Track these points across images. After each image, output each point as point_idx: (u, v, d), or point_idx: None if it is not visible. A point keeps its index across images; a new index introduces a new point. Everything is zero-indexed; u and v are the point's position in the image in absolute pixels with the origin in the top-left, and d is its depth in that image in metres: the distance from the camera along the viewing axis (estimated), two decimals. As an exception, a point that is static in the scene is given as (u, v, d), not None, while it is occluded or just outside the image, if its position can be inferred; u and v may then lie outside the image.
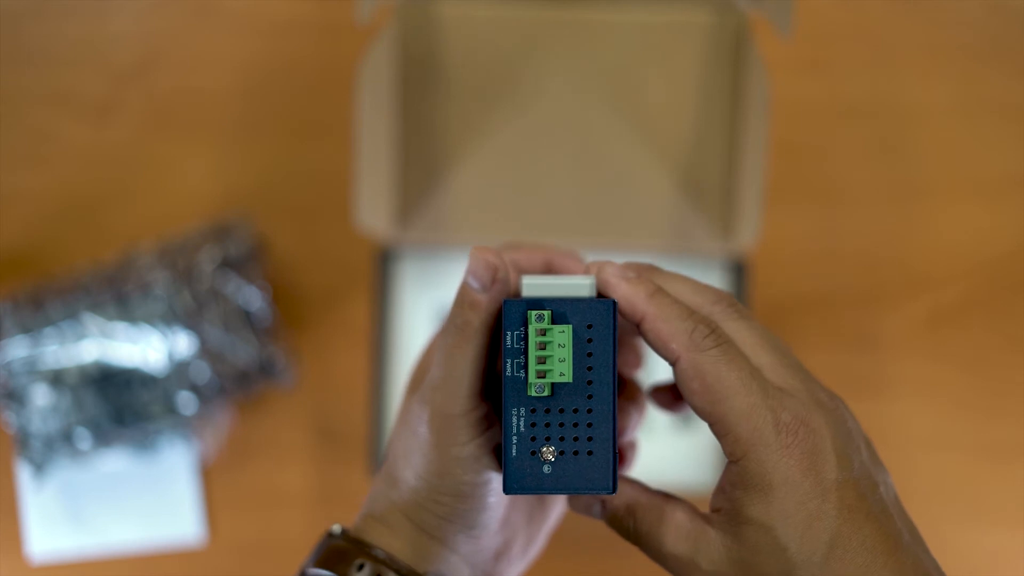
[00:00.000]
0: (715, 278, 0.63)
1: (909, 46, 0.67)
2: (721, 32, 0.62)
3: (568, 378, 0.32)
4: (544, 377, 0.32)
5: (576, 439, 0.32)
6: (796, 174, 0.66)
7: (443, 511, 0.36)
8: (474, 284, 0.34)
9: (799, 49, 0.65)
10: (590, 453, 0.32)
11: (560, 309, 0.32)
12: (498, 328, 0.35)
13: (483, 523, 0.36)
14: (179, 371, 0.60)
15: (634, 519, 0.35)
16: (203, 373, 0.61)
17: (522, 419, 0.32)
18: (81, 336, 0.60)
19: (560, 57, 0.62)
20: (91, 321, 0.60)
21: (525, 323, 0.32)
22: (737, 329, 0.33)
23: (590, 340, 0.32)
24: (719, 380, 0.31)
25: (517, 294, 0.35)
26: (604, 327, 0.32)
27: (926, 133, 0.66)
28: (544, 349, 0.32)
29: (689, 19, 0.62)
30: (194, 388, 0.61)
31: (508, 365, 0.32)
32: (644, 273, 0.35)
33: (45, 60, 0.66)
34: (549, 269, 0.40)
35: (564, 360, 0.32)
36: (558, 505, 0.41)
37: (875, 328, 0.66)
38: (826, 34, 0.67)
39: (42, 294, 0.61)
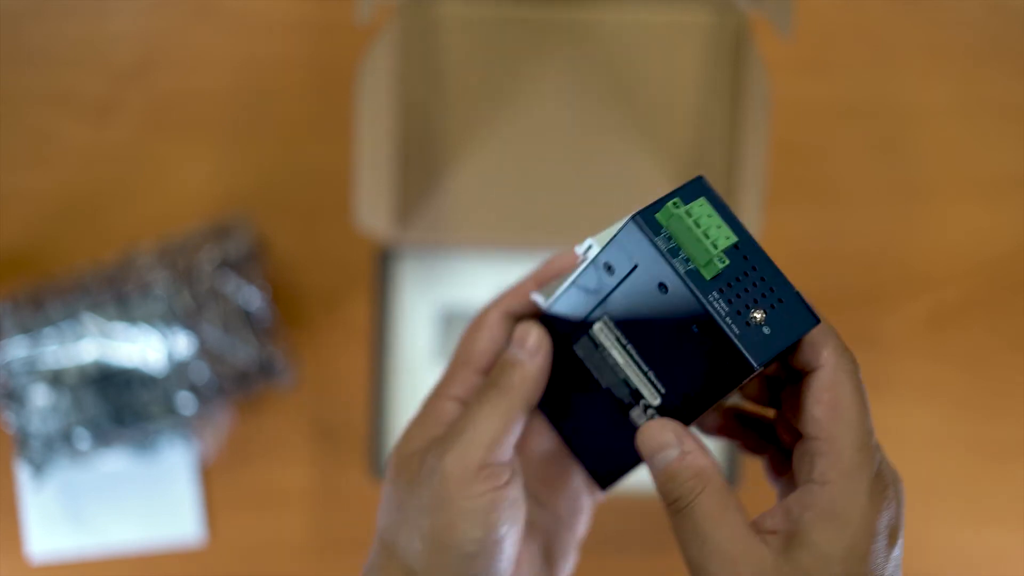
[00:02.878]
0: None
1: (909, 46, 0.67)
2: (721, 32, 0.62)
3: (734, 239, 0.32)
4: (716, 248, 0.32)
5: (764, 295, 0.32)
6: (796, 174, 0.66)
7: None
8: (519, 354, 0.35)
9: (799, 49, 0.65)
10: (781, 301, 0.32)
11: (677, 195, 0.32)
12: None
13: None
14: (179, 371, 0.60)
15: (702, 491, 0.32)
16: (203, 373, 0.61)
17: (719, 301, 0.31)
18: (81, 336, 0.60)
19: (560, 57, 0.62)
20: (91, 321, 0.60)
21: (658, 225, 0.32)
22: None
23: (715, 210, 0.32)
24: (850, 402, 0.31)
25: (538, 313, 0.36)
26: (713, 197, 0.32)
27: (926, 133, 0.66)
28: (699, 227, 0.32)
29: (689, 19, 0.62)
30: (194, 388, 0.61)
31: (675, 266, 0.31)
32: None
33: (45, 60, 0.66)
34: (542, 284, 0.40)
35: (720, 226, 0.32)
36: (568, 565, 0.40)
37: (875, 328, 0.66)
38: (826, 34, 0.67)
39: (42, 294, 0.61)
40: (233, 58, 0.66)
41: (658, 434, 0.33)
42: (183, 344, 0.60)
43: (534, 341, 0.35)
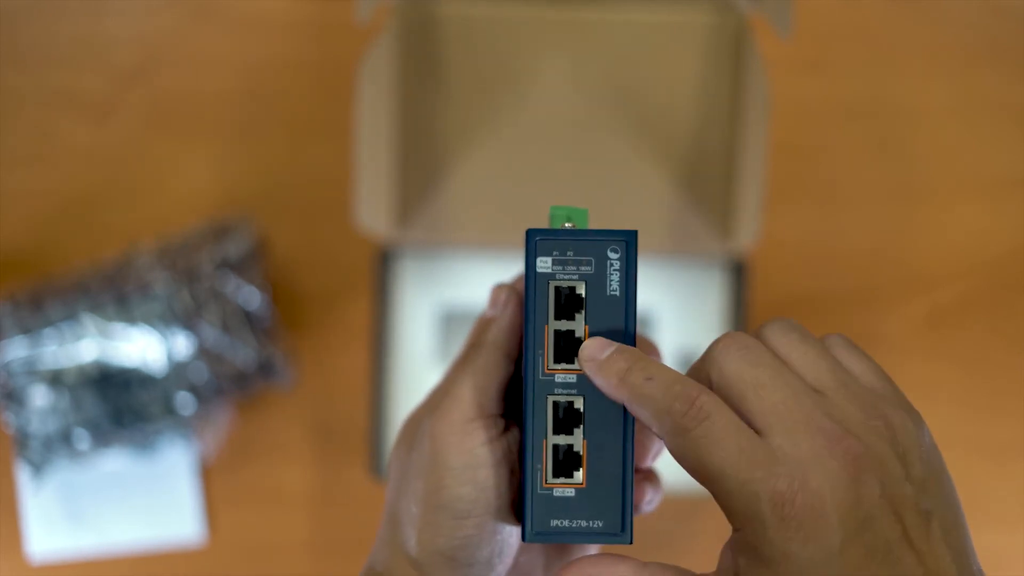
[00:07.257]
0: (715, 278, 0.63)
1: (909, 46, 0.67)
2: (721, 32, 0.62)
3: None
4: None
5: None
6: (796, 174, 0.66)
7: (442, 541, 0.34)
8: (489, 311, 0.37)
9: (799, 49, 0.65)
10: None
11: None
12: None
13: (483, 560, 0.34)
14: (178, 371, 0.60)
15: None
16: (202, 373, 0.61)
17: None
18: (80, 336, 0.60)
19: (560, 57, 0.62)
20: (90, 321, 0.60)
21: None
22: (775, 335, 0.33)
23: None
24: (703, 464, 0.30)
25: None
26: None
27: (926, 133, 0.66)
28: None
29: (689, 19, 0.62)
30: (193, 388, 0.61)
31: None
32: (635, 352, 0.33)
33: (45, 60, 0.66)
34: None
35: None
36: None
37: (875, 328, 0.66)
38: (826, 34, 0.67)
39: (42, 294, 0.61)
40: (233, 58, 0.66)
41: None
42: (183, 344, 0.60)
43: (504, 297, 0.37)
